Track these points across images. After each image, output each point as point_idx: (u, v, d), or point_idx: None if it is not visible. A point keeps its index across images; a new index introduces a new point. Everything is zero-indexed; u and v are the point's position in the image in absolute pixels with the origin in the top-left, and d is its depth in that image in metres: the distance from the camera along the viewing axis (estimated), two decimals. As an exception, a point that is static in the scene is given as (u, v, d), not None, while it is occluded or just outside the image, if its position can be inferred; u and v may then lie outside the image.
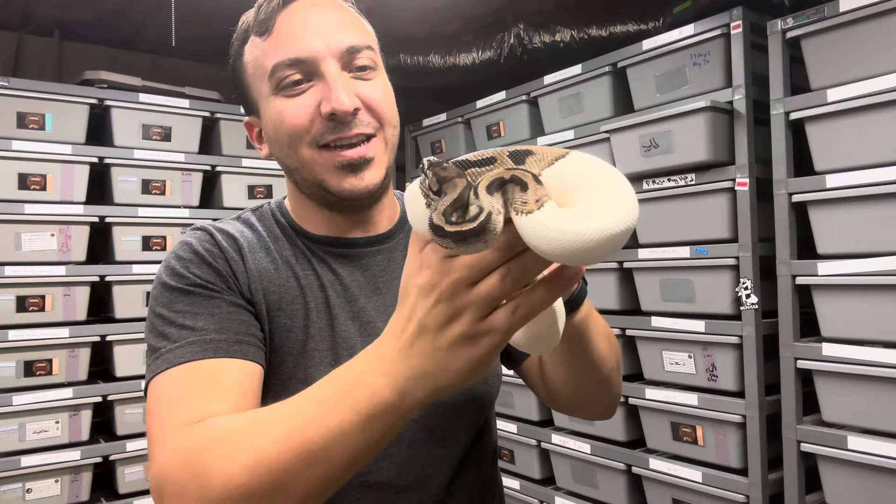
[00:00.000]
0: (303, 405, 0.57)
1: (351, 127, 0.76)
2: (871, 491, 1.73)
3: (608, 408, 0.89)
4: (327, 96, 0.75)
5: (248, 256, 0.79)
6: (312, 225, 0.84)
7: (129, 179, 2.66)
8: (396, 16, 2.85)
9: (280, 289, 0.78)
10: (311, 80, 0.77)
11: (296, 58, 0.76)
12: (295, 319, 0.78)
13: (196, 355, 0.69)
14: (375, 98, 0.79)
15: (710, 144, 2.00)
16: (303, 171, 0.79)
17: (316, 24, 0.78)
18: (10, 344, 2.38)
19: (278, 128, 0.78)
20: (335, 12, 0.80)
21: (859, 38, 1.74)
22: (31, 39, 3.01)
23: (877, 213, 1.72)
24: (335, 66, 0.77)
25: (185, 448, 0.60)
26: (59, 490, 2.46)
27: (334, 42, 0.77)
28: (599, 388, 0.83)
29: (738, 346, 2.00)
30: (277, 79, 0.77)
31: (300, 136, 0.77)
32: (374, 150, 0.78)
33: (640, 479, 2.28)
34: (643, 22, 2.49)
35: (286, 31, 0.77)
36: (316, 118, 0.76)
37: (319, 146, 0.77)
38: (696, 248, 2.08)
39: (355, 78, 0.78)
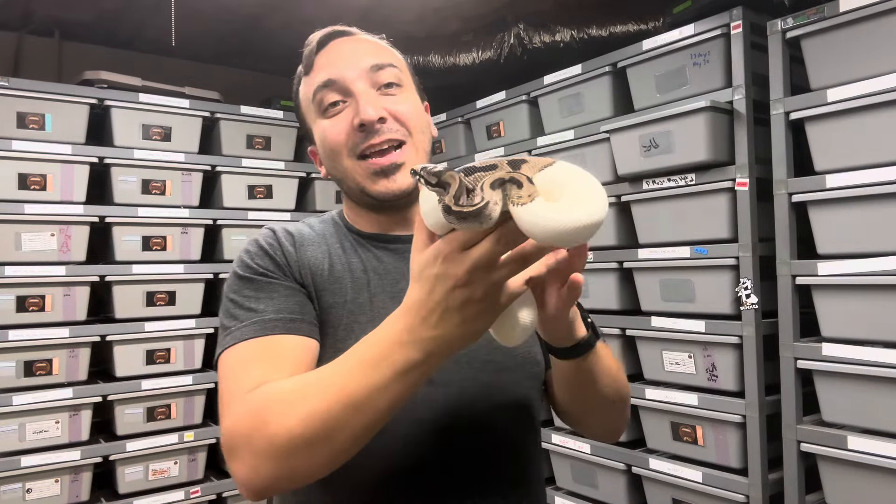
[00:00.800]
0: (345, 366, 0.69)
1: (379, 135, 0.88)
2: (871, 491, 1.73)
3: (606, 435, 0.99)
4: (357, 111, 0.88)
5: (302, 248, 0.91)
6: (362, 224, 0.97)
7: (129, 179, 2.66)
8: (396, 16, 2.85)
9: (327, 272, 0.90)
10: (346, 101, 0.90)
11: (328, 79, 0.90)
12: (337, 297, 0.89)
13: (257, 333, 0.81)
14: (401, 110, 0.90)
15: (710, 144, 2.00)
16: (347, 179, 0.92)
17: (345, 54, 0.93)
18: (10, 344, 2.38)
19: (324, 145, 0.93)
20: (362, 43, 0.95)
21: (859, 38, 1.74)
22: (31, 39, 3.01)
23: (877, 213, 1.72)
24: (363, 84, 0.90)
25: (250, 408, 0.72)
26: (59, 490, 2.46)
27: (360, 64, 0.91)
28: (597, 417, 0.93)
29: (738, 346, 2.00)
30: (318, 102, 0.92)
31: (340, 149, 0.90)
32: (405, 156, 0.90)
33: (640, 479, 2.28)
34: (643, 22, 2.49)
35: (322, 64, 0.93)
36: (351, 132, 0.89)
37: (357, 156, 0.90)
38: (696, 248, 2.08)
39: (382, 94, 0.91)
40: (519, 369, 0.93)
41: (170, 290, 2.72)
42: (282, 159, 3.02)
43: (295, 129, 3.08)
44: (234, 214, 2.88)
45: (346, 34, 0.96)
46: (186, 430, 2.71)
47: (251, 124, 2.95)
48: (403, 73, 0.95)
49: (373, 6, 2.74)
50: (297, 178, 3.06)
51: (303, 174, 3.08)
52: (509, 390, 0.92)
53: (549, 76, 2.54)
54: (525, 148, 2.66)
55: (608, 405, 0.90)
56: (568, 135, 2.48)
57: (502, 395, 0.91)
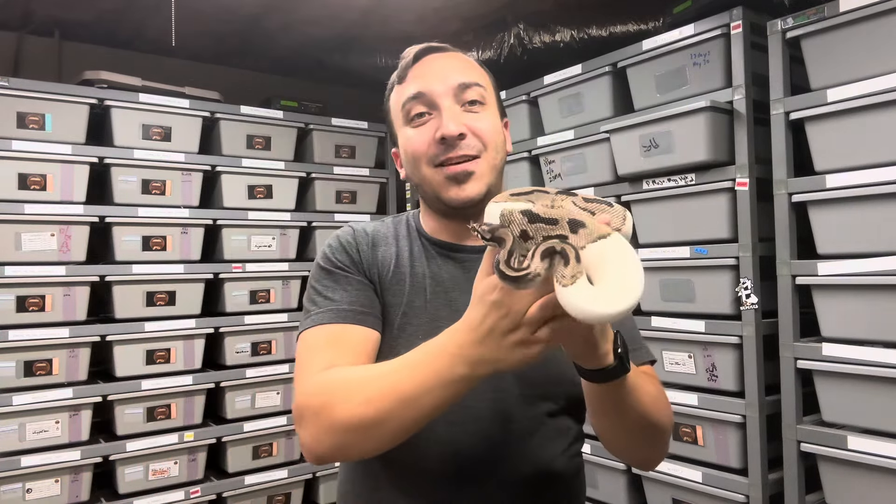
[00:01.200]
0: (403, 366, 0.80)
1: (457, 149, 0.96)
2: (871, 491, 1.73)
3: (637, 463, 1.01)
4: (440, 125, 0.96)
5: (376, 248, 1.02)
6: (432, 229, 1.05)
7: (129, 179, 2.66)
8: (396, 16, 2.85)
9: (391, 272, 1.00)
10: (432, 113, 0.98)
11: (418, 92, 0.98)
12: (397, 297, 0.99)
13: (331, 320, 0.93)
14: (480, 127, 0.97)
15: (710, 144, 2.00)
16: (424, 185, 1.00)
17: (437, 69, 1.00)
18: (10, 344, 2.38)
19: (407, 151, 1.00)
20: (453, 60, 1.02)
21: (859, 38, 1.74)
22: (31, 39, 3.01)
23: (877, 213, 1.72)
24: (449, 100, 0.97)
25: (320, 387, 0.85)
26: (59, 490, 2.46)
27: (449, 81, 0.98)
28: (626, 444, 0.94)
29: (738, 346, 2.00)
30: (406, 111, 0.99)
31: (421, 157, 0.98)
32: (477, 168, 0.97)
33: (640, 479, 2.28)
34: (643, 22, 2.49)
35: (416, 75, 1.00)
36: (433, 143, 0.96)
37: (434, 165, 0.97)
38: (696, 248, 2.08)
39: (466, 111, 0.98)
40: (553, 386, 0.97)
41: (170, 290, 2.72)
42: (282, 159, 3.02)
43: (295, 130, 3.08)
44: (234, 214, 2.88)
45: (441, 50, 1.03)
46: (186, 430, 2.71)
47: (251, 124, 2.95)
48: (488, 92, 1.01)
49: (373, 6, 2.74)
50: (297, 177, 3.06)
51: (303, 174, 3.08)
52: (538, 404, 0.96)
53: (549, 76, 2.54)
54: (525, 147, 2.66)
55: (637, 434, 0.90)
56: (568, 135, 2.48)
57: (532, 408, 0.96)
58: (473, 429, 0.94)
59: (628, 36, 2.51)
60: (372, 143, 3.32)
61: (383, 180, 3.34)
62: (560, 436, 0.99)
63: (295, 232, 3.05)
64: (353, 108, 3.32)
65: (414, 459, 0.94)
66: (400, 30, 3.00)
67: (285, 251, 3.02)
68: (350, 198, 3.24)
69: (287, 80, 3.62)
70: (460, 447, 0.93)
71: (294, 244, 3.04)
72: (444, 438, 0.93)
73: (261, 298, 2.94)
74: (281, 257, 3.01)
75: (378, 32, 3.02)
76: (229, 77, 3.45)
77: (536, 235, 0.70)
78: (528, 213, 0.70)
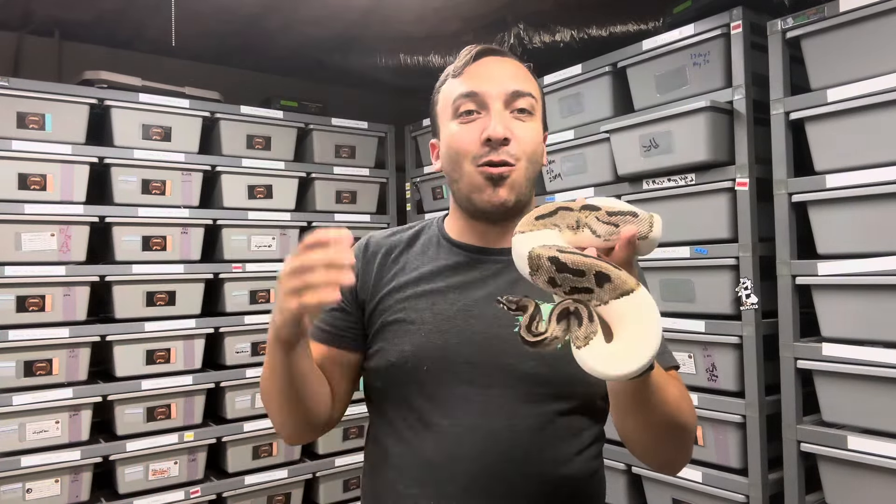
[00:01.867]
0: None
1: (499, 153, 0.98)
2: (871, 491, 1.73)
3: (661, 466, 1.00)
4: (487, 126, 0.98)
5: (388, 256, 1.08)
6: (458, 233, 1.08)
7: (129, 179, 2.66)
8: (396, 16, 2.85)
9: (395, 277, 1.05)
10: (481, 113, 1.00)
11: (472, 91, 1.00)
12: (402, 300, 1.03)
13: (312, 336, 1.05)
14: (523, 136, 1.00)
15: (710, 144, 2.00)
16: (461, 182, 1.02)
17: (494, 72, 1.02)
18: (10, 344, 2.38)
19: (450, 145, 1.02)
20: (511, 67, 1.05)
21: (859, 38, 1.74)
22: (31, 39, 3.01)
23: (877, 213, 1.72)
24: (500, 105, 1.00)
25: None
26: (59, 490, 2.46)
27: (504, 86, 1.01)
28: (650, 445, 0.94)
29: (738, 346, 2.00)
30: (456, 106, 1.02)
31: (465, 153, 1.00)
32: (513, 175, 0.99)
33: (640, 479, 2.28)
34: (643, 22, 2.49)
35: (472, 74, 1.02)
36: (478, 142, 0.99)
37: (476, 164, 0.99)
38: (696, 248, 2.08)
39: (514, 117, 1.01)
40: (564, 385, 0.97)
41: (170, 290, 2.72)
42: (282, 159, 3.02)
43: (295, 130, 3.08)
44: (234, 214, 2.88)
45: (501, 54, 1.07)
46: (186, 430, 2.71)
47: (251, 124, 2.95)
48: (537, 104, 1.04)
49: (373, 6, 2.74)
50: (297, 177, 3.06)
51: (303, 174, 3.08)
52: (547, 403, 0.97)
53: (549, 76, 2.54)
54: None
55: (662, 434, 0.91)
56: (568, 135, 2.48)
57: (539, 406, 0.97)
58: (479, 423, 0.96)
59: (628, 36, 2.51)
60: (372, 143, 3.32)
61: (383, 180, 3.34)
62: (572, 436, 0.99)
63: (295, 232, 3.05)
64: (353, 108, 3.32)
65: (418, 450, 0.97)
66: (400, 30, 3.00)
67: (285, 251, 3.02)
68: (350, 198, 3.24)
69: (287, 80, 3.62)
70: (463, 440, 0.95)
71: (294, 244, 3.04)
72: (447, 431, 0.96)
73: (261, 298, 2.94)
74: (281, 257, 3.00)
75: (378, 32, 3.02)
76: (229, 77, 3.45)
77: (564, 284, 0.73)
78: (556, 261, 0.72)
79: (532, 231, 0.78)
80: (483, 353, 0.97)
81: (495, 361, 0.97)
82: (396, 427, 1.00)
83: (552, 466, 0.97)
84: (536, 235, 0.77)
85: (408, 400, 0.99)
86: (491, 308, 0.98)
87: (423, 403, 0.98)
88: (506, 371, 0.96)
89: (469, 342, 0.98)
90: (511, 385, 0.96)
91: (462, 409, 0.96)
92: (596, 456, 1.04)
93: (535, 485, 0.95)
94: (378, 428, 1.05)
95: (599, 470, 1.05)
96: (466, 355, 0.98)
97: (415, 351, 0.99)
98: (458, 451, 0.95)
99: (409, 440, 0.99)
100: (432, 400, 0.97)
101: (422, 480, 0.97)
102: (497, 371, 0.97)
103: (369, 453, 1.08)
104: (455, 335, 0.99)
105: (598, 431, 1.04)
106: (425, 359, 0.99)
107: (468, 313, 1.00)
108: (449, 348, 0.98)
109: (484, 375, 0.97)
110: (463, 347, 0.98)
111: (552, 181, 2.59)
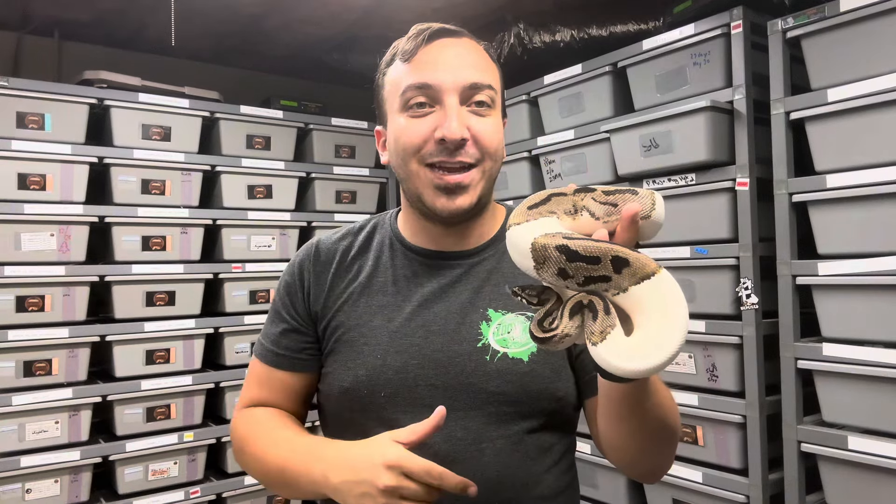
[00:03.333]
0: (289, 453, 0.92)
1: (455, 154, 0.89)
2: (871, 491, 1.73)
3: (646, 475, 0.95)
4: (442, 123, 0.88)
5: (341, 264, 1.00)
6: (412, 235, 1.00)
7: (129, 179, 2.66)
8: (396, 16, 2.85)
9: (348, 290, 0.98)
10: (434, 107, 0.90)
11: (424, 83, 0.90)
12: (363, 314, 0.96)
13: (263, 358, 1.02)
14: (483, 132, 0.90)
15: (710, 144, 2.00)
16: (409, 181, 0.93)
17: (449, 59, 0.91)
18: (10, 344, 2.38)
19: (398, 140, 0.92)
20: (468, 52, 0.94)
21: (859, 38, 1.74)
22: (30, 39, 3.01)
23: (877, 213, 1.71)
24: (455, 99, 0.90)
25: (238, 427, 1.02)
26: (58, 490, 2.46)
27: (460, 77, 0.90)
28: (640, 453, 0.87)
29: (739, 346, 2.00)
30: (406, 98, 0.91)
31: (413, 151, 0.90)
32: (471, 179, 0.91)
33: (641, 480, 2.27)
34: (643, 22, 2.49)
35: (424, 60, 0.91)
36: (429, 140, 0.89)
37: (426, 164, 0.90)
38: (697, 248, 2.08)
39: (471, 112, 0.91)
40: (532, 403, 0.92)
41: (169, 290, 2.72)
42: (281, 159, 3.02)
43: (295, 129, 3.07)
44: (234, 214, 2.88)
45: (456, 34, 0.95)
46: (186, 430, 2.71)
47: (251, 124, 2.95)
48: (496, 94, 0.95)
49: (373, 6, 2.74)
50: (297, 177, 3.06)
51: (303, 174, 3.08)
52: (515, 422, 0.92)
53: (549, 76, 2.54)
54: (525, 147, 2.65)
55: (654, 439, 0.85)
56: (568, 135, 2.48)
57: (507, 426, 0.91)
58: (444, 449, 0.88)
59: (628, 36, 2.50)
60: (372, 143, 3.32)
61: (383, 180, 3.34)
62: (542, 454, 0.93)
63: (295, 232, 3.05)
64: (353, 108, 3.31)
65: None
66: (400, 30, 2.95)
67: (285, 251, 3.02)
68: (350, 198, 3.24)
69: (287, 80, 3.62)
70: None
71: (294, 244, 3.04)
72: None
73: (261, 298, 2.94)
74: (281, 257, 3.01)
75: (378, 32, 3.02)
76: (229, 77, 3.45)
77: (577, 275, 0.64)
78: (566, 250, 0.63)
79: (528, 221, 0.69)
80: (445, 374, 0.90)
81: (458, 382, 0.90)
82: None
83: (524, 489, 0.91)
84: (535, 225, 0.68)
85: (364, 428, 0.90)
86: (452, 322, 0.92)
87: (380, 431, 0.85)
88: (470, 392, 0.90)
89: (430, 362, 0.91)
90: (477, 406, 0.90)
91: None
92: (568, 469, 0.98)
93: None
94: None
95: (573, 482, 1.00)
96: (428, 377, 0.90)
97: (370, 375, 0.91)
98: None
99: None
100: (392, 427, 0.85)
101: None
102: (461, 392, 0.90)
103: None
104: (414, 355, 0.91)
105: (568, 443, 0.99)
106: (382, 384, 0.91)
107: (427, 329, 0.93)
108: (408, 371, 0.91)
109: (447, 398, 0.89)
110: (423, 370, 0.90)
111: (552, 181, 2.58)
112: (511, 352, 0.91)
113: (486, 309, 0.93)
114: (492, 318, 0.93)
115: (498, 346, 0.91)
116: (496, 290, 0.95)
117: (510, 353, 0.90)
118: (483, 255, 0.98)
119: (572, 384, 0.95)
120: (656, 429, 0.83)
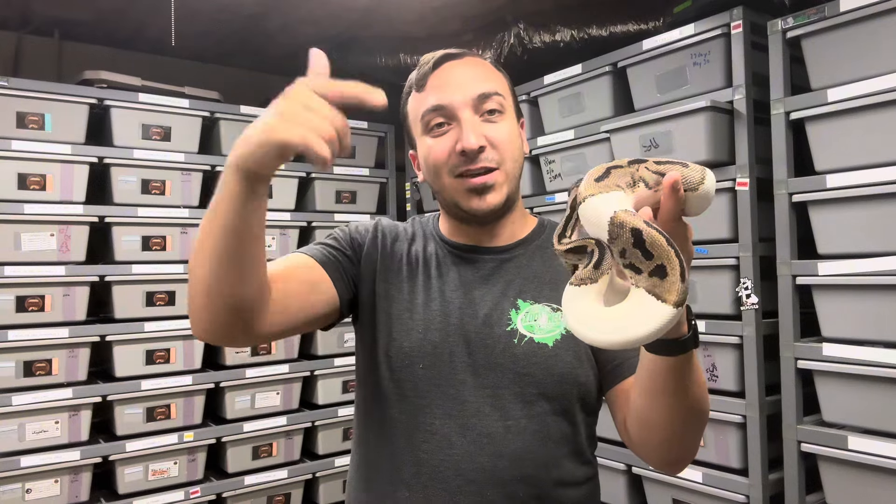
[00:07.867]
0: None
1: (477, 161, 0.98)
2: (871, 491, 1.73)
3: (673, 462, 0.95)
4: (461, 137, 0.98)
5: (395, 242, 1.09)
6: (450, 234, 1.10)
7: (129, 179, 2.66)
8: (396, 16, 2.85)
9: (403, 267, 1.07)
10: (451, 123, 1.00)
11: (438, 104, 1.00)
12: (401, 292, 1.04)
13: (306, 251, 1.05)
14: (498, 138, 1.00)
15: (710, 144, 2.00)
16: (444, 193, 1.03)
17: (456, 79, 1.01)
18: (10, 344, 2.38)
19: (427, 160, 1.03)
20: (472, 68, 1.03)
21: (859, 38, 1.74)
22: (31, 39, 3.01)
23: (877, 213, 1.71)
24: (469, 112, 0.99)
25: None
26: (58, 490, 2.46)
27: (469, 92, 0.99)
28: (671, 435, 0.89)
29: (739, 346, 2.00)
30: (426, 121, 1.01)
31: (441, 167, 1.01)
32: (495, 179, 1.00)
33: (640, 480, 2.28)
34: (643, 22, 2.49)
35: (434, 86, 1.01)
36: (452, 153, 0.99)
37: (454, 175, 1.00)
38: (697, 248, 2.08)
39: (485, 121, 1.00)
40: (555, 386, 0.98)
41: (169, 290, 2.72)
42: (282, 159, 3.02)
43: (295, 129, 3.07)
44: (234, 214, 2.88)
45: (459, 56, 1.04)
46: (186, 430, 2.71)
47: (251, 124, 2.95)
48: (506, 99, 1.03)
49: (373, 6, 2.74)
50: (297, 178, 3.06)
51: (302, 174, 3.08)
52: (539, 403, 0.97)
53: (549, 76, 2.54)
54: (525, 148, 2.65)
55: (690, 419, 0.86)
56: (568, 135, 2.48)
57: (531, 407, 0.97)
58: (470, 423, 0.96)
59: (628, 36, 2.50)
60: (372, 143, 3.32)
61: (383, 180, 3.34)
62: (563, 438, 0.98)
63: (295, 232, 3.05)
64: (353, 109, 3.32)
65: (409, 450, 0.97)
66: (400, 30, 2.99)
67: (285, 251, 3.01)
68: (350, 197, 3.24)
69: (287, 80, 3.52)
70: (455, 440, 0.95)
71: (294, 244, 3.04)
72: (439, 431, 0.96)
73: (261, 298, 2.94)
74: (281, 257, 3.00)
75: (378, 32, 3.02)
76: (229, 77, 3.45)
77: (629, 257, 0.65)
78: (638, 235, 0.63)
79: (601, 194, 0.67)
80: (476, 353, 0.98)
81: (488, 361, 0.98)
82: (386, 428, 1.00)
83: (545, 470, 0.96)
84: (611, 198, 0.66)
85: (401, 396, 0.99)
86: (485, 307, 1.01)
87: (415, 401, 0.98)
88: (498, 371, 0.97)
89: (464, 342, 0.99)
90: (504, 386, 0.97)
91: (455, 409, 0.96)
92: (587, 462, 1.02)
93: (527, 487, 0.95)
94: (367, 429, 1.04)
95: (594, 475, 1.04)
96: (461, 355, 0.98)
97: (413, 347, 0.99)
98: (450, 451, 0.95)
99: (398, 441, 0.98)
100: (425, 398, 0.97)
101: (411, 483, 0.96)
102: (490, 371, 0.97)
103: (358, 457, 1.06)
104: (451, 333, 1.00)
105: (589, 435, 1.04)
106: (421, 357, 0.99)
107: (463, 311, 1.02)
108: (445, 347, 0.99)
109: (477, 376, 0.97)
110: (458, 347, 0.99)
111: (552, 181, 2.59)
112: (537, 337, 0.98)
113: (516, 299, 1.02)
114: (520, 307, 1.01)
115: (525, 331, 0.99)
116: (526, 284, 1.04)
117: (536, 338, 0.98)
118: (514, 252, 1.07)
119: (594, 374, 1.01)
120: (694, 407, 0.85)
